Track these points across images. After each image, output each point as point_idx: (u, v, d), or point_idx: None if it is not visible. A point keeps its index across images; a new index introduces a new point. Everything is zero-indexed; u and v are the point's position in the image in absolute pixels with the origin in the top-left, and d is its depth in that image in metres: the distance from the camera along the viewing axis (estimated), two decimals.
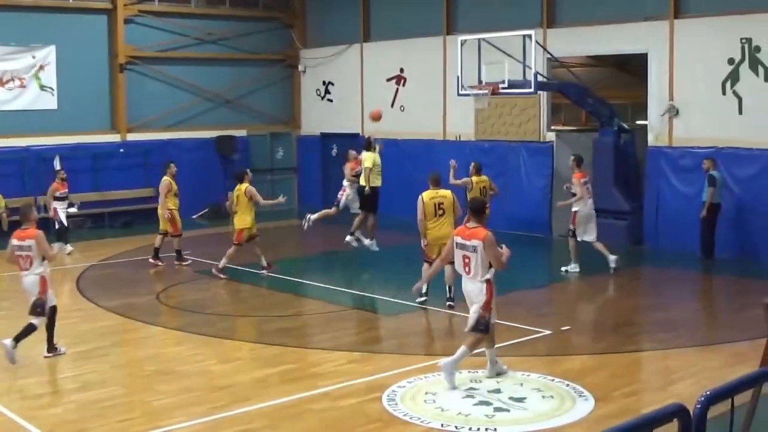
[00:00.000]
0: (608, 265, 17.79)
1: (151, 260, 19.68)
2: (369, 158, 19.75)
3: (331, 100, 29.02)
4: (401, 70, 26.52)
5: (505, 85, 19.86)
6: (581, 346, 12.67)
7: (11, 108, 24.69)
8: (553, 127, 23.48)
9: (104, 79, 26.41)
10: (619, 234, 21.07)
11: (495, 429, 9.25)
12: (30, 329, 12.21)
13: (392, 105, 26.75)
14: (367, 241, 19.74)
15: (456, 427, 9.28)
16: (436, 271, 12.16)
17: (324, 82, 29.11)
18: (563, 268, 18.11)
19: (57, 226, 21.11)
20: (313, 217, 20.04)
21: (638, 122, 23.91)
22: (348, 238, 19.80)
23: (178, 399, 10.49)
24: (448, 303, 14.82)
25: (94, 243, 23.00)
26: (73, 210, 24.48)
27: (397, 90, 26.67)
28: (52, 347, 12.49)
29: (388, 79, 26.86)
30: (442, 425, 9.36)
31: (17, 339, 12.08)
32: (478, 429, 9.23)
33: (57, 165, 24.11)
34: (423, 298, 15.00)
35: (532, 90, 20.08)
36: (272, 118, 29.73)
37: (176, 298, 16.25)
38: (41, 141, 24.91)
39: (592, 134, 22.51)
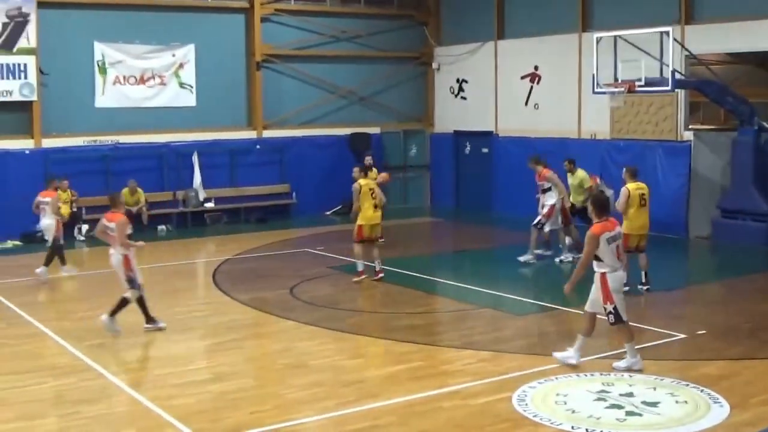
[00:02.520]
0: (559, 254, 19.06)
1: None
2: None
3: (465, 98, 28.94)
4: (536, 68, 26.29)
5: (642, 83, 19.55)
6: (716, 350, 12.34)
7: (152, 105, 25.43)
8: (690, 126, 22.96)
9: (241, 76, 26.93)
10: (758, 235, 20.51)
11: None
12: (123, 303, 13.37)
13: (526, 103, 26.57)
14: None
15: (586, 430, 9.16)
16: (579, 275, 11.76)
17: (458, 80, 29.06)
18: (524, 258, 18.82)
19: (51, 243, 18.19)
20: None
21: None
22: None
23: (309, 393, 10.61)
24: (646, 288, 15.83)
25: (229, 237, 23.49)
26: (210, 205, 25.30)
27: (532, 88, 26.45)
28: (150, 319, 13.68)
29: (523, 77, 26.67)
30: (572, 427, 9.25)
31: (113, 313, 13.30)
32: None
33: (195, 162, 24.87)
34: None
35: (669, 88, 19.71)
36: (405, 116, 29.83)
37: (309, 293, 16.40)
38: (180, 137, 25.57)
39: (731, 133, 21.92)
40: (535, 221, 18.97)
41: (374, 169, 21.57)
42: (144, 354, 12.45)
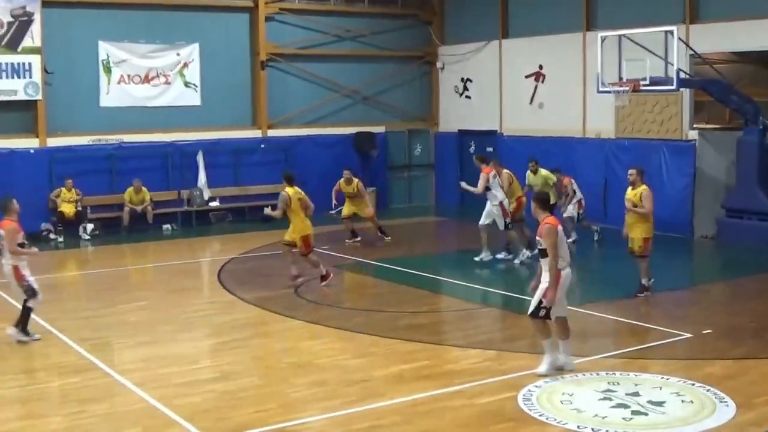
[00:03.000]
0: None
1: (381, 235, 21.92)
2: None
3: (470, 97, 28.93)
4: (540, 67, 26.26)
5: (647, 82, 19.51)
6: (722, 350, 12.33)
7: (156, 104, 25.44)
8: (695, 126, 22.93)
9: (246, 76, 26.93)
10: (763, 235, 20.46)
11: None
12: (28, 312, 13.08)
13: (531, 102, 26.54)
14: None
15: (592, 429, 9.16)
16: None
17: (462, 79, 29.04)
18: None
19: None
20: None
21: None
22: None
23: (313, 392, 10.62)
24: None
25: (234, 236, 23.48)
26: (215, 204, 25.31)
27: (536, 87, 26.43)
28: (19, 325, 13.08)
29: (527, 76, 26.65)
30: (578, 427, 9.24)
31: (17, 325, 13.00)
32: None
33: (200, 161, 24.89)
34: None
35: (674, 87, 19.67)
36: (410, 115, 29.82)
37: (314, 292, 16.41)
38: (185, 136, 25.58)
39: (736, 133, 21.87)
40: (501, 227, 19.09)
41: (354, 180, 21.66)
42: (149, 353, 12.44)
